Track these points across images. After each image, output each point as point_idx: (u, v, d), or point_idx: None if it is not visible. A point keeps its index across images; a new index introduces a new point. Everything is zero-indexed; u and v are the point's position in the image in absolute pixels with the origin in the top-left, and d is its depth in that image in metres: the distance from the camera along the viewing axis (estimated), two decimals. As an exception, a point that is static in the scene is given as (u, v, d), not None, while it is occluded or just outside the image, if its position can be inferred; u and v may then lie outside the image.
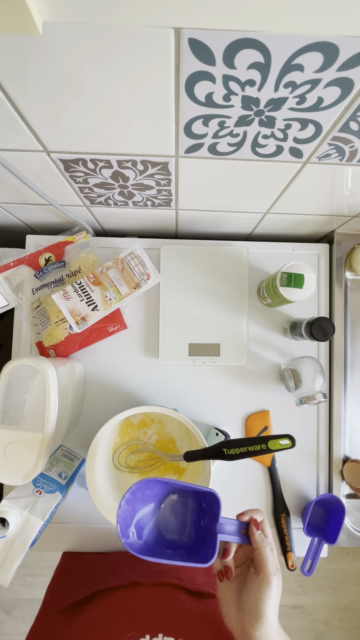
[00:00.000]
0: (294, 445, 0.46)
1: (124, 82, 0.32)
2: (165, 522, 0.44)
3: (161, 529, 0.43)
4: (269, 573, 0.37)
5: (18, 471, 0.50)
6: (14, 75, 0.32)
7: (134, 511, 0.42)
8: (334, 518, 0.65)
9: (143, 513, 0.43)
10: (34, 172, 0.48)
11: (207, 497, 0.42)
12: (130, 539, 0.40)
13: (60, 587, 0.60)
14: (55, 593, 0.58)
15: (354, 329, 0.71)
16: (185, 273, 0.67)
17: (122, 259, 0.63)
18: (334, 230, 0.70)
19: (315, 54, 0.28)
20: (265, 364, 0.69)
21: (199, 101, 0.33)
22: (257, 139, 0.39)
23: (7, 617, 1.41)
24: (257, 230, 0.72)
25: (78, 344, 0.65)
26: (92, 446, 0.54)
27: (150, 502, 0.44)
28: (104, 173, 0.48)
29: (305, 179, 0.49)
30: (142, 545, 0.41)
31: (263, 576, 0.37)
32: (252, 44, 0.27)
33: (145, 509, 0.43)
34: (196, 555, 0.40)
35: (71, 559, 0.66)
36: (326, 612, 1.45)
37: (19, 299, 0.65)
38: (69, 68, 0.30)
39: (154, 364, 0.68)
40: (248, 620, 0.36)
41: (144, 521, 0.43)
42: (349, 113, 0.35)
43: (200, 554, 0.40)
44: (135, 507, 0.42)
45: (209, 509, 0.42)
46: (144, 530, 0.42)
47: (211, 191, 0.54)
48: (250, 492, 0.68)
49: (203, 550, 0.40)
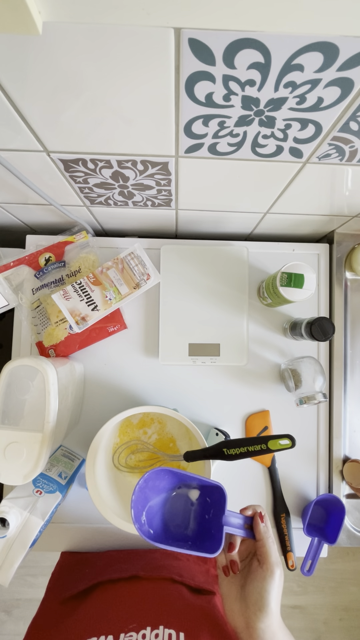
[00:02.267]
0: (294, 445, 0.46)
1: (123, 82, 0.32)
2: (171, 514, 0.45)
3: (167, 521, 0.44)
4: (272, 563, 0.38)
5: (18, 471, 0.50)
6: (14, 75, 0.32)
7: (146, 499, 0.43)
8: (334, 518, 0.65)
9: (152, 503, 0.44)
10: (34, 172, 0.48)
11: (213, 491, 0.44)
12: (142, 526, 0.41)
13: (61, 580, 0.60)
14: (55, 586, 0.59)
15: (354, 329, 0.71)
16: (185, 273, 0.67)
17: (122, 259, 0.63)
18: (334, 230, 0.70)
19: (315, 54, 0.28)
20: (265, 364, 0.69)
21: (199, 101, 0.33)
22: (257, 139, 0.39)
23: (7, 617, 1.41)
24: (257, 230, 0.72)
25: (78, 344, 0.65)
26: (92, 446, 0.54)
27: (159, 493, 0.45)
28: (104, 173, 0.48)
29: (305, 179, 0.49)
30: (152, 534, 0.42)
31: (267, 566, 0.38)
32: (252, 44, 0.27)
33: (154, 499, 0.44)
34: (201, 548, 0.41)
35: (70, 556, 0.66)
36: (326, 612, 1.45)
37: (19, 299, 0.65)
38: (69, 68, 0.30)
39: (154, 364, 0.68)
40: (252, 612, 0.37)
41: (152, 511, 0.44)
42: (349, 113, 0.35)
43: (205, 546, 0.41)
44: (147, 496, 0.43)
45: (215, 502, 0.43)
46: (153, 520, 0.43)
47: (211, 191, 0.54)
48: (250, 492, 0.68)
49: (207, 543, 0.41)
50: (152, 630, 0.40)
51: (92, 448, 0.54)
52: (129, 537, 0.66)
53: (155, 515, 0.44)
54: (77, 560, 0.64)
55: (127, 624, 0.41)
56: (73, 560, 0.64)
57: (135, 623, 0.41)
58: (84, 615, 0.47)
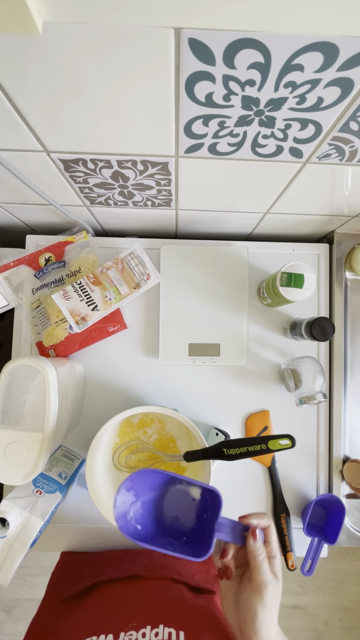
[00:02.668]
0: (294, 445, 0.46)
1: (123, 82, 0.32)
2: (170, 507, 0.44)
3: (164, 514, 0.44)
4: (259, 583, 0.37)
5: (18, 471, 0.50)
6: (14, 75, 0.32)
7: (137, 497, 0.43)
8: (334, 518, 0.65)
9: (146, 499, 0.43)
10: (34, 172, 0.48)
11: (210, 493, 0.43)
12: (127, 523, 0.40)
13: (61, 580, 0.60)
14: (55, 586, 0.59)
15: (354, 329, 0.71)
16: (185, 273, 0.67)
17: (122, 259, 0.63)
18: (334, 230, 0.70)
19: (315, 54, 0.28)
20: (265, 364, 0.69)
21: (199, 101, 0.33)
22: (257, 139, 0.39)
23: (7, 617, 1.41)
24: (257, 230, 0.72)
25: (78, 344, 0.65)
26: (92, 446, 0.54)
27: (154, 489, 0.44)
28: (104, 173, 0.48)
29: (305, 179, 0.49)
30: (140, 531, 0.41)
31: (255, 585, 0.37)
32: (252, 44, 0.27)
33: (149, 495, 0.44)
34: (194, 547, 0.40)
35: (70, 556, 0.66)
36: (326, 612, 1.45)
37: (19, 299, 0.65)
38: (69, 68, 0.30)
39: (154, 364, 0.68)
40: (244, 620, 0.36)
41: (146, 506, 0.43)
42: (349, 113, 0.35)
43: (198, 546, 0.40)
44: (137, 493, 0.43)
45: (212, 505, 0.42)
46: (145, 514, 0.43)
47: (211, 191, 0.54)
48: (250, 492, 0.68)
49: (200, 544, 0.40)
50: (152, 629, 0.40)
51: (92, 448, 0.54)
52: (129, 537, 0.66)
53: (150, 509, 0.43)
54: (77, 560, 0.64)
55: (127, 622, 0.41)
56: (73, 560, 0.64)
57: (136, 622, 0.41)
58: (84, 614, 0.47)
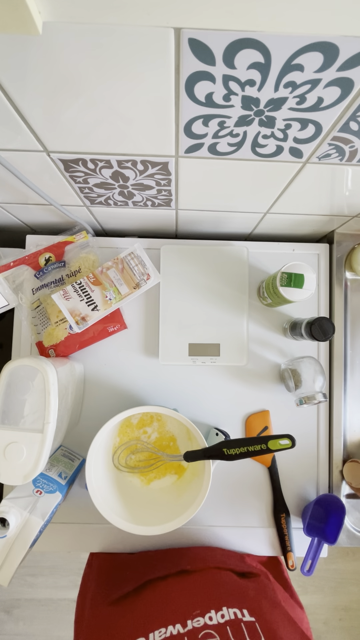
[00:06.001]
0: (294, 445, 0.46)
1: (123, 82, 0.32)
2: None
3: None
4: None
5: (18, 471, 0.50)
6: (14, 75, 0.32)
7: None
8: (334, 518, 0.65)
9: None
10: (34, 172, 0.48)
11: None
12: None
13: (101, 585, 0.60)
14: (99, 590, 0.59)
15: (354, 329, 0.71)
16: (185, 273, 0.67)
17: (122, 259, 0.63)
18: (334, 230, 0.70)
19: (315, 54, 0.28)
20: (265, 364, 0.69)
21: (199, 101, 0.33)
22: (257, 139, 0.39)
23: (7, 617, 1.41)
24: (257, 230, 0.72)
25: (78, 344, 0.65)
26: (92, 446, 0.54)
27: None
28: (104, 173, 0.48)
29: (305, 179, 0.49)
30: None
31: None
32: (252, 44, 0.27)
33: None
34: None
35: (103, 559, 0.66)
36: (326, 612, 1.45)
37: (19, 299, 0.65)
38: (69, 68, 0.30)
39: (154, 364, 0.68)
40: None
41: None
42: (349, 113, 0.35)
43: None
44: None
45: None
46: None
47: (211, 191, 0.54)
48: (250, 492, 0.68)
49: None
50: (217, 612, 0.42)
51: (92, 448, 0.54)
52: (130, 537, 0.66)
53: None
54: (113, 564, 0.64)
55: (191, 610, 0.43)
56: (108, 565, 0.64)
57: (199, 609, 0.43)
58: (143, 610, 0.48)
